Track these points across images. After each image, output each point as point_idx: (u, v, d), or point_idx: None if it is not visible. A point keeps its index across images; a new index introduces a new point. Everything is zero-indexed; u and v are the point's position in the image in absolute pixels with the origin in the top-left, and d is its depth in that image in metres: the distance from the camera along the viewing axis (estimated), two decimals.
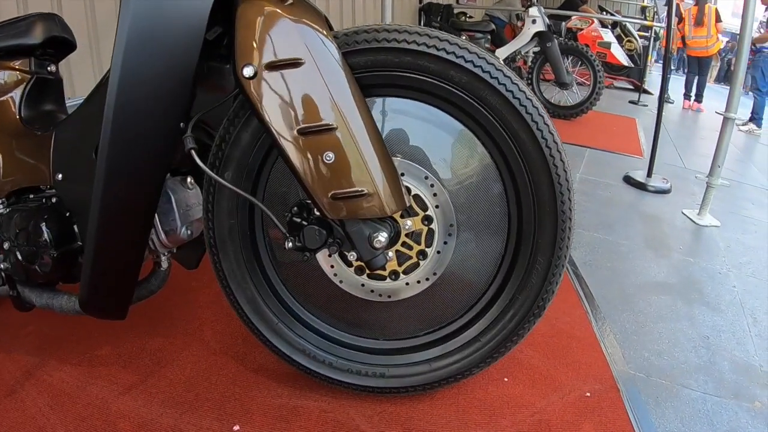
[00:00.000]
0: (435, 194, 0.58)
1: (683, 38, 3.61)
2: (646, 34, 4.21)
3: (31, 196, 0.73)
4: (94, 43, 1.54)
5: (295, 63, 0.48)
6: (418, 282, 0.60)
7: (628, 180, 1.69)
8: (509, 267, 0.62)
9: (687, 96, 3.87)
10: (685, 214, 1.42)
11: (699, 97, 3.82)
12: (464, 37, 2.87)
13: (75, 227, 0.68)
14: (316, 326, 0.65)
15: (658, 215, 1.44)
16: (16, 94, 0.73)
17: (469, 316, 0.65)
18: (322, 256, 0.60)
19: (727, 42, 6.28)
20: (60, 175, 0.66)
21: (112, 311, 0.66)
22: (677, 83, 3.98)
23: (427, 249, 0.59)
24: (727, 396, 0.71)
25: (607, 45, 3.17)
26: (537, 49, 2.56)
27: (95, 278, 0.61)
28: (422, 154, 0.59)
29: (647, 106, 3.46)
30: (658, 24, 3.84)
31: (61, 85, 0.80)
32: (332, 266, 0.60)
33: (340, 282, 0.60)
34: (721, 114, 1.22)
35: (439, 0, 3.79)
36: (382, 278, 0.60)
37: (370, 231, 0.52)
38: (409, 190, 0.57)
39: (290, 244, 0.54)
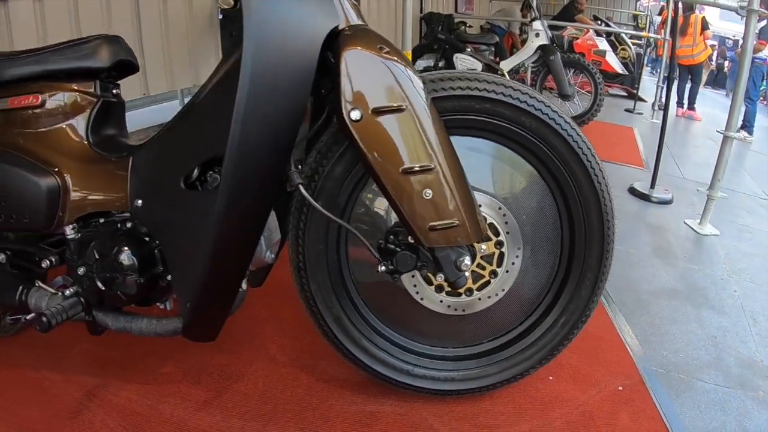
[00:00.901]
0: (506, 222, 0.69)
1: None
2: (640, 41, 4.45)
3: (101, 220, 0.76)
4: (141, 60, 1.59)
5: (397, 109, 0.56)
6: (489, 297, 0.71)
7: (633, 191, 1.83)
8: (562, 281, 0.74)
9: (680, 103, 4.09)
10: (687, 224, 1.57)
11: (691, 105, 4.04)
12: (469, 49, 3.02)
13: (155, 252, 0.70)
14: (394, 338, 0.74)
15: (663, 225, 1.60)
16: (83, 117, 0.76)
17: (526, 324, 0.76)
18: (405, 277, 0.69)
19: (713, 46, 6.61)
20: (140, 201, 0.69)
21: (209, 334, 0.69)
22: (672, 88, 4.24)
23: (497, 269, 0.70)
24: (735, 387, 0.85)
25: (602, 53, 3.35)
26: (534, 58, 2.72)
27: (203, 303, 0.64)
28: (494, 187, 0.70)
29: (642, 114, 3.66)
30: (654, 35, 4.07)
31: (123, 108, 0.83)
32: (414, 285, 0.70)
33: (421, 299, 0.71)
34: (721, 132, 1.39)
35: (440, 10, 3.99)
36: (458, 294, 0.71)
37: (455, 256, 0.62)
38: (485, 218, 0.68)
39: (383, 268, 0.64)
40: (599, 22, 3.98)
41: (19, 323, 0.90)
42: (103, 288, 0.72)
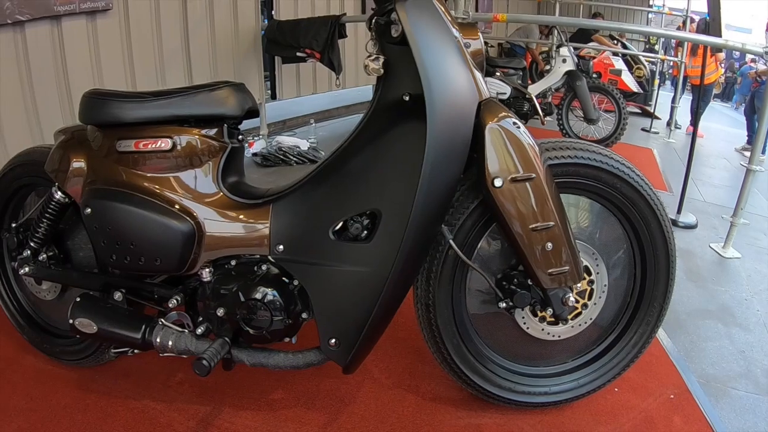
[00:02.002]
0: (597, 264, 0.95)
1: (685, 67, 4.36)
2: (653, 58, 4.99)
3: (232, 263, 0.88)
4: None
5: (529, 178, 0.77)
6: (579, 325, 0.95)
7: None
8: (633, 310, 1.01)
9: (692, 122, 4.65)
10: (712, 248, 1.90)
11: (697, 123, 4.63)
12: (498, 73, 3.35)
13: (295, 292, 0.85)
14: (499, 362, 0.96)
15: (691, 249, 1.90)
16: (214, 163, 0.87)
17: (604, 345, 1.03)
18: (516, 311, 0.90)
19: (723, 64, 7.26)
20: (281, 246, 0.82)
21: (352, 366, 0.84)
22: (686, 106, 4.64)
23: (588, 302, 0.96)
24: (763, 393, 1.12)
25: (618, 72, 3.78)
26: (561, 82, 3.07)
27: (369, 341, 0.80)
28: (587, 235, 0.95)
29: (658, 133, 4.08)
30: (671, 57, 4.59)
31: (243, 154, 0.96)
32: (523, 317, 0.92)
33: (527, 328, 0.93)
34: (744, 165, 1.75)
35: None
36: (557, 324, 0.95)
37: (563, 294, 0.87)
38: (582, 262, 0.90)
39: (503, 305, 0.87)
40: (615, 41, 4.45)
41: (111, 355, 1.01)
42: (247, 328, 0.84)
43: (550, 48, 3.90)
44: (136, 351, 0.96)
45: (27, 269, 1.02)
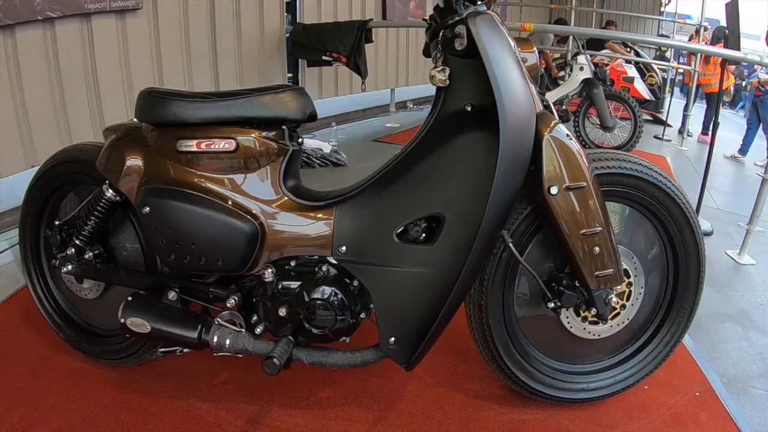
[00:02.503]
0: (635, 267, 1.08)
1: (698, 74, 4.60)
2: (666, 66, 5.26)
3: (292, 263, 0.95)
4: None
5: (580, 187, 0.88)
6: (618, 324, 1.06)
7: None
8: (666, 310, 1.15)
9: (704, 130, 4.83)
10: (728, 255, 2.07)
11: (705, 130, 4.74)
12: None
13: (355, 293, 0.93)
14: (543, 360, 1.07)
15: (707, 256, 2.03)
16: (277, 165, 0.93)
17: (638, 344, 1.15)
18: (562, 311, 1.01)
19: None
20: (344, 248, 0.90)
21: (413, 364, 0.92)
22: (698, 114, 4.90)
23: (626, 303, 1.09)
24: None
25: (631, 80, 4.00)
26: (578, 90, 3.25)
27: (432, 339, 0.88)
28: (626, 240, 1.06)
29: (671, 140, 4.34)
30: (685, 66, 4.86)
31: (300, 157, 1.02)
32: (567, 317, 1.03)
33: (571, 328, 1.04)
34: (761, 176, 1.93)
35: None
36: (597, 323, 1.08)
37: (606, 295, 0.99)
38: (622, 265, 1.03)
39: (551, 305, 0.98)
40: (628, 49, 4.68)
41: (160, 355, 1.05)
42: (310, 327, 0.92)
43: (564, 55, 4.09)
44: (185, 350, 1.02)
45: (70, 267, 1.09)
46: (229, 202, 0.93)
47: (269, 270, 0.94)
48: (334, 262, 0.96)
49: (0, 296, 1.51)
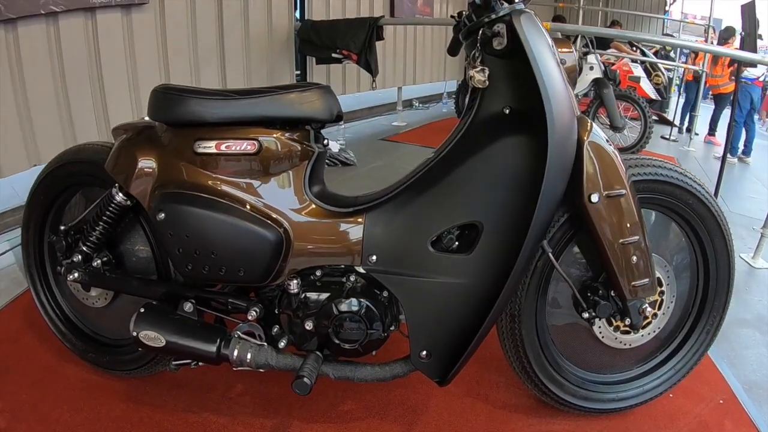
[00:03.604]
0: (668, 276, 1.07)
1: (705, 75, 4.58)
2: (671, 65, 5.29)
3: (318, 273, 0.91)
4: None
5: (620, 194, 0.86)
6: (649, 333, 1.04)
7: None
8: (695, 319, 1.13)
9: (711, 131, 4.84)
10: (742, 258, 2.06)
11: (712, 131, 4.77)
12: None
13: (386, 304, 0.89)
14: (572, 371, 1.04)
15: None
16: (302, 168, 0.88)
17: (667, 353, 1.14)
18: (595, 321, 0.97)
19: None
20: (374, 257, 0.86)
21: (446, 377, 0.89)
22: (705, 115, 4.95)
23: (657, 312, 1.08)
24: None
25: (637, 79, 3.99)
26: (587, 89, 3.26)
27: (471, 353, 0.85)
28: (660, 249, 1.04)
29: (677, 141, 4.39)
30: (692, 66, 4.88)
31: (325, 160, 0.96)
32: (599, 327, 1.00)
33: (602, 337, 1.01)
34: None
35: None
36: (628, 333, 1.05)
37: (640, 304, 0.98)
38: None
39: (586, 315, 0.95)
40: (634, 48, 4.71)
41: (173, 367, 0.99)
42: (339, 342, 0.88)
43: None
44: (200, 363, 0.98)
45: (76, 275, 1.04)
46: (251, 209, 0.88)
47: (295, 281, 0.90)
48: (362, 272, 0.92)
49: (1, 301, 1.46)
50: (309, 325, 0.90)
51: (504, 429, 1.08)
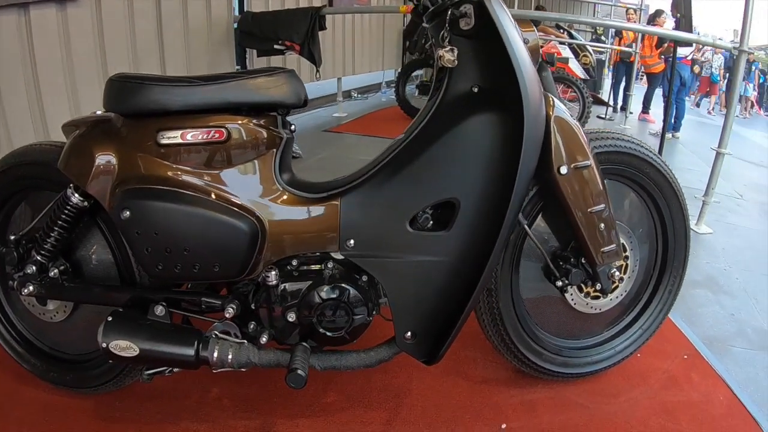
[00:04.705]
0: (631, 241, 1.12)
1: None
2: (602, 47, 5.62)
3: (293, 263, 0.89)
4: None
5: (586, 166, 0.90)
6: (617, 297, 1.11)
7: None
8: (657, 280, 1.20)
9: (645, 110, 5.17)
10: None
11: (646, 109, 5.15)
12: None
13: (365, 288, 0.88)
14: (549, 340, 1.09)
15: None
16: (271, 155, 0.85)
17: (634, 314, 1.21)
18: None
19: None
20: (352, 241, 0.85)
21: (434, 356, 0.89)
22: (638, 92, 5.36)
23: (623, 276, 1.14)
24: (758, 349, 1.37)
25: (566, 60, 4.20)
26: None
27: (430, 331, 0.86)
28: (622, 216, 1.10)
29: (613, 120, 4.69)
30: (626, 48, 5.18)
31: (292, 146, 0.93)
32: (571, 294, 1.05)
33: (574, 304, 1.06)
34: (714, 149, 2.09)
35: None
36: (598, 298, 1.11)
37: (608, 270, 1.03)
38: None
39: (560, 283, 1.00)
40: (562, 30, 4.96)
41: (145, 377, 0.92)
42: (324, 331, 0.86)
43: None
44: (175, 370, 0.93)
45: (31, 288, 0.96)
46: (223, 200, 0.84)
47: (273, 272, 0.87)
48: (338, 257, 0.91)
49: None
50: (291, 317, 0.88)
51: (488, 402, 1.10)
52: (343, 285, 0.88)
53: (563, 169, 0.89)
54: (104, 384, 1.04)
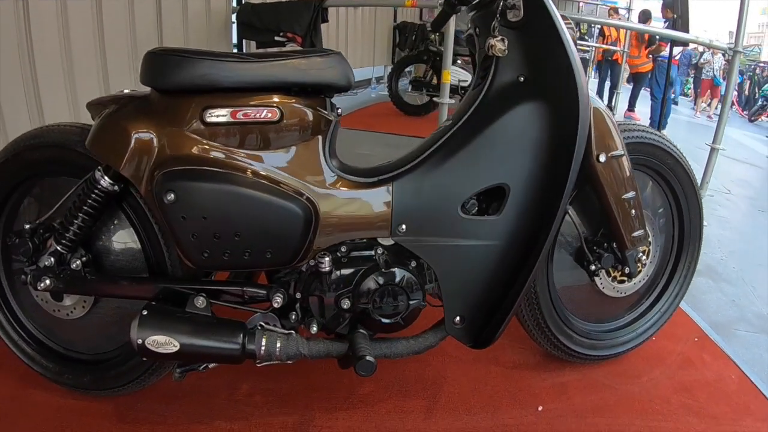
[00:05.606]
0: (653, 227, 1.25)
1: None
2: (587, 47, 5.94)
3: (343, 248, 0.92)
4: None
5: (620, 155, 1.01)
6: (640, 281, 1.24)
7: None
8: (673, 265, 1.34)
9: (631, 107, 5.54)
10: None
11: (631, 107, 5.53)
12: (459, 61, 3.76)
13: (418, 274, 0.92)
14: (579, 324, 1.19)
15: None
16: (322, 138, 0.88)
17: (653, 297, 1.35)
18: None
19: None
20: (404, 227, 0.89)
21: (485, 341, 0.96)
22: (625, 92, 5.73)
23: (646, 260, 1.27)
24: (760, 332, 1.56)
25: None
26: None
27: (481, 317, 0.93)
28: (644, 203, 1.25)
29: None
30: (614, 47, 5.53)
31: (338, 130, 0.94)
32: (600, 278, 1.16)
33: (603, 288, 1.17)
34: (708, 145, 2.32)
35: (414, 20, 5.20)
36: (623, 282, 1.24)
37: (636, 254, 1.15)
38: None
39: (593, 267, 1.11)
40: None
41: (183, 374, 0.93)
42: (379, 317, 0.90)
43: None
44: (210, 366, 0.94)
45: (48, 282, 0.94)
46: (275, 182, 0.85)
47: (326, 258, 0.89)
48: (387, 243, 0.97)
49: None
50: (346, 304, 0.91)
51: (521, 386, 1.19)
52: (398, 270, 0.92)
53: (602, 158, 0.99)
54: (125, 385, 1.04)
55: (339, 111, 0.96)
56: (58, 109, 2.00)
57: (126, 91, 0.96)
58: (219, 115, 0.85)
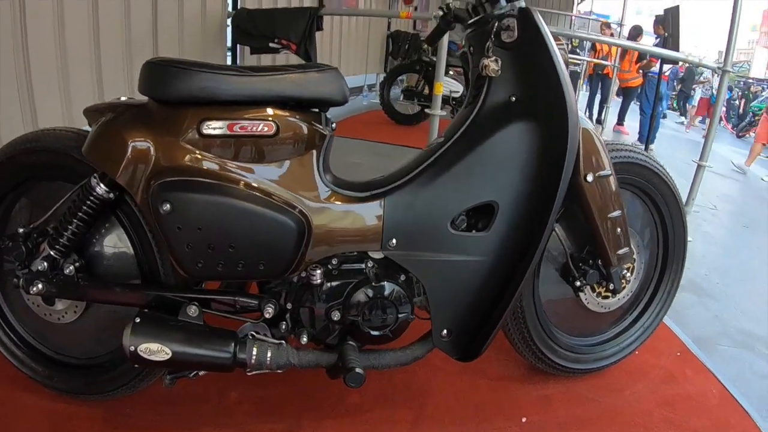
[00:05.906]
0: (637, 244, 1.30)
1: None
2: (578, 61, 6.02)
3: (335, 261, 0.95)
4: None
5: (607, 174, 1.04)
6: (624, 296, 1.29)
7: None
8: (658, 279, 1.39)
9: (620, 121, 5.66)
10: None
11: (620, 121, 5.66)
12: (452, 72, 3.84)
13: (407, 287, 0.96)
14: (562, 338, 1.23)
15: None
16: (317, 152, 0.90)
17: (637, 312, 1.39)
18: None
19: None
20: (394, 241, 0.92)
21: (471, 353, 1.00)
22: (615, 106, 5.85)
23: (630, 276, 1.32)
24: (741, 347, 1.61)
25: None
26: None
27: (468, 330, 0.95)
28: (631, 221, 1.30)
29: None
30: (604, 62, 5.67)
31: (332, 144, 0.97)
32: (585, 294, 1.21)
33: (587, 303, 1.21)
34: (695, 162, 2.39)
35: (407, 29, 5.36)
36: (608, 297, 1.28)
37: (620, 271, 1.20)
38: None
39: (578, 283, 1.15)
40: None
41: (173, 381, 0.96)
42: (368, 329, 0.93)
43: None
44: (200, 373, 0.97)
45: (41, 287, 0.96)
46: (268, 195, 0.88)
47: (318, 271, 0.92)
48: (377, 257, 1.00)
49: None
50: (336, 316, 0.94)
51: (507, 397, 1.23)
52: (387, 283, 0.95)
53: (589, 177, 1.04)
54: (115, 390, 1.06)
55: (333, 125, 0.99)
56: (52, 113, 2.01)
57: (123, 98, 0.98)
58: (216, 127, 0.87)
